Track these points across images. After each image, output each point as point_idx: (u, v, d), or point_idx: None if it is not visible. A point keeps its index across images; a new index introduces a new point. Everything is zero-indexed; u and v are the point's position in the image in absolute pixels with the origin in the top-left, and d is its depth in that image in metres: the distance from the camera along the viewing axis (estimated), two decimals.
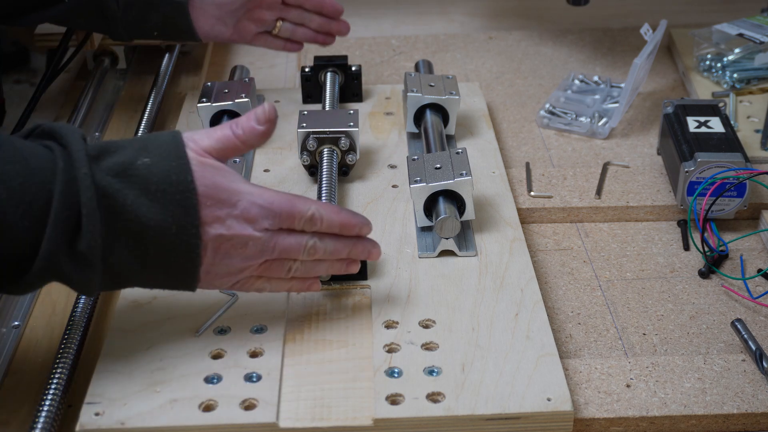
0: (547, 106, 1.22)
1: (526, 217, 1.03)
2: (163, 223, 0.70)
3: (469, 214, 0.92)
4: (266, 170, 1.06)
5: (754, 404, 0.78)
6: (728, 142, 1.01)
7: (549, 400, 0.75)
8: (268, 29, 1.16)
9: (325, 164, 0.99)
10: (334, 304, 0.86)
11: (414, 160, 0.96)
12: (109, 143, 0.72)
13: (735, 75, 1.23)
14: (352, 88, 1.20)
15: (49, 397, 0.75)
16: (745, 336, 0.84)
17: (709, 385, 0.79)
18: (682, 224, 1.01)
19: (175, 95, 1.26)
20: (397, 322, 0.83)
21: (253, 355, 0.80)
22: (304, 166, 1.03)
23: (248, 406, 0.75)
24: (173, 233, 0.71)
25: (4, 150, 0.68)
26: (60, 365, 0.78)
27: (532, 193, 1.05)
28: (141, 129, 1.13)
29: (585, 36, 1.45)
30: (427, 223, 0.93)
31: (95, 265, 0.70)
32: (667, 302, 0.91)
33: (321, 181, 0.97)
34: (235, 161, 0.96)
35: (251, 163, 1.07)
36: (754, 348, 0.82)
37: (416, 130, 1.10)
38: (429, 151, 1.03)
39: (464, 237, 0.93)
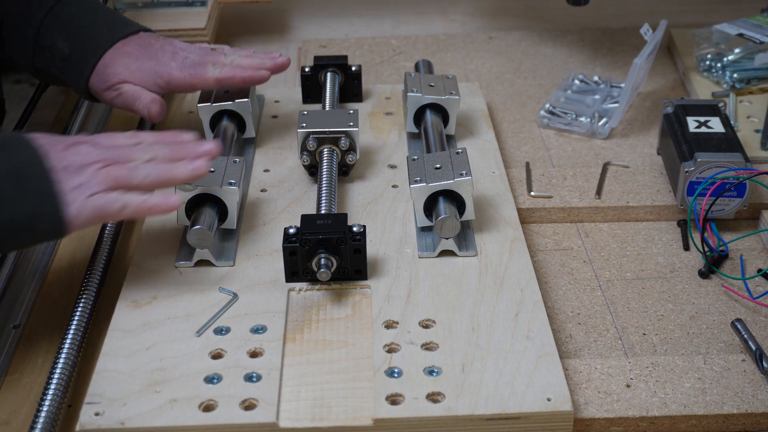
0: (547, 106, 1.22)
1: (526, 217, 1.03)
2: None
3: (469, 214, 0.92)
4: (266, 170, 1.06)
5: (754, 404, 0.78)
6: (728, 142, 1.01)
7: (549, 400, 0.75)
8: None
9: (325, 164, 0.99)
10: (334, 304, 0.86)
11: (414, 160, 0.96)
12: None
13: (735, 75, 1.23)
14: (352, 88, 1.20)
15: (49, 397, 0.75)
16: (745, 336, 0.84)
17: (709, 385, 0.79)
18: (682, 224, 1.01)
19: (176, 96, 1.26)
20: (397, 322, 0.83)
21: (253, 355, 0.80)
22: (304, 166, 1.03)
23: (248, 406, 0.75)
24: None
25: None
26: (60, 365, 0.78)
27: (532, 193, 1.05)
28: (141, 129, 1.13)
29: (585, 36, 1.45)
30: (427, 223, 0.93)
31: None
32: (667, 302, 0.91)
33: (321, 181, 0.97)
34: (234, 161, 0.96)
35: (251, 164, 1.07)
36: (754, 348, 0.82)
37: (416, 130, 1.10)
38: (429, 151, 1.03)
39: (464, 237, 0.93)
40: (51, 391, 0.76)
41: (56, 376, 0.77)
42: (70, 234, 0.80)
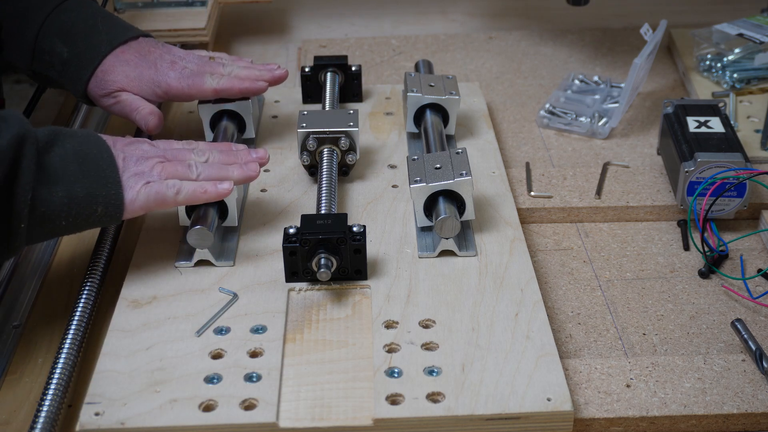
0: (547, 106, 1.22)
1: (526, 217, 1.03)
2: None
3: (469, 214, 0.92)
4: (266, 170, 1.06)
5: (754, 404, 0.78)
6: (728, 142, 1.01)
7: (549, 400, 0.75)
8: None
9: (325, 164, 0.99)
10: (334, 304, 0.86)
11: (414, 160, 0.96)
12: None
13: (735, 75, 1.23)
14: (352, 88, 1.20)
15: (49, 397, 0.75)
16: (745, 336, 0.84)
17: (709, 385, 0.79)
18: (682, 224, 1.01)
19: None
20: (397, 322, 0.83)
21: (253, 355, 0.80)
22: (304, 166, 1.03)
23: (248, 406, 0.75)
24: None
25: None
26: (60, 365, 0.78)
27: (532, 193, 1.05)
28: None
29: (585, 36, 1.45)
30: (427, 223, 0.93)
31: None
32: (667, 302, 0.91)
33: (321, 181, 0.97)
34: None
35: None
36: (754, 348, 0.82)
37: (416, 130, 1.10)
38: (429, 151, 1.03)
39: (464, 237, 0.93)
40: (51, 391, 0.76)
41: (56, 376, 0.77)
42: (126, 219, 0.85)
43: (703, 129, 1.03)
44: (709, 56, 1.27)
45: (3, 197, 0.77)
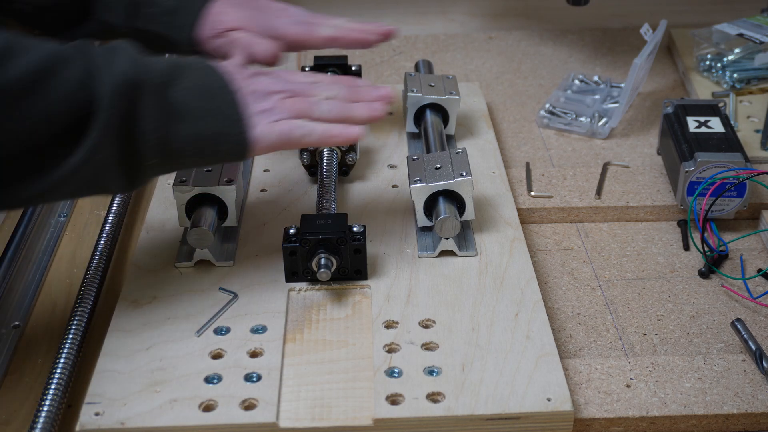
0: (547, 106, 1.22)
1: (526, 217, 1.03)
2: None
3: (469, 214, 0.92)
4: (266, 170, 1.06)
5: (754, 404, 0.78)
6: (728, 142, 1.01)
7: (549, 400, 0.75)
8: None
9: (325, 164, 0.99)
10: (334, 304, 0.86)
11: (414, 160, 0.96)
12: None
13: (735, 75, 1.23)
14: None
15: (49, 397, 0.75)
16: (745, 336, 0.84)
17: (709, 385, 0.79)
18: (682, 224, 1.01)
19: None
20: (397, 322, 0.83)
21: (253, 355, 0.80)
22: (304, 166, 1.03)
23: (248, 406, 0.75)
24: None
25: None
26: (60, 365, 0.78)
27: (532, 193, 1.05)
28: None
29: (585, 36, 1.45)
30: (427, 223, 0.93)
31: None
32: (667, 302, 0.91)
33: (321, 181, 0.97)
34: None
35: (251, 163, 1.07)
36: (754, 348, 0.82)
37: (416, 130, 1.10)
38: (429, 151, 1.03)
39: (464, 237, 0.93)
40: (51, 391, 0.76)
41: (56, 376, 0.77)
42: (251, 157, 0.81)
43: (703, 129, 1.03)
44: (709, 56, 1.27)
45: (126, 134, 0.74)
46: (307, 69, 1.18)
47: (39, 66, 0.71)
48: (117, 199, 1.01)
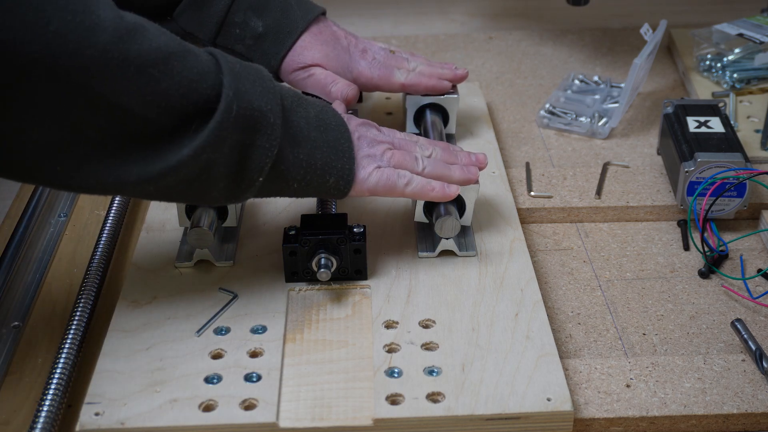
0: (547, 106, 1.22)
1: (526, 217, 1.03)
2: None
3: (467, 220, 0.92)
4: None
5: (754, 404, 0.78)
6: (728, 142, 1.01)
7: (549, 400, 0.75)
8: None
9: None
10: (334, 304, 0.86)
11: None
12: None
13: (735, 75, 1.23)
14: None
15: (49, 397, 0.75)
16: (745, 336, 0.84)
17: (709, 385, 0.79)
18: (682, 224, 1.01)
19: None
20: (397, 322, 0.83)
21: (253, 355, 0.80)
22: None
23: (248, 406, 0.75)
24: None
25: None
26: (60, 365, 0.78)
27: (532, 193, 1.05)
28: None
29: (585, 36, 1.45)
30: (423, 218, 0.93)
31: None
32: (667, 302, 0.91)
33: None
34: None
35: None
36: (754, 348, 0.82)
37: (416, 130, 1.10)
38: None
39: (464, 237, 0.93)
40: (51, 391, 0.76)
41: (56, 376, 0.77)
42: (351, 196, 0.84)
43: (703, 129, 1.03)
44: (709, 56, 1.27)
45: (247, 150, 0.76)
46: None
47: (171, 47, 0.72)
48: (117, 199, 1.01)
